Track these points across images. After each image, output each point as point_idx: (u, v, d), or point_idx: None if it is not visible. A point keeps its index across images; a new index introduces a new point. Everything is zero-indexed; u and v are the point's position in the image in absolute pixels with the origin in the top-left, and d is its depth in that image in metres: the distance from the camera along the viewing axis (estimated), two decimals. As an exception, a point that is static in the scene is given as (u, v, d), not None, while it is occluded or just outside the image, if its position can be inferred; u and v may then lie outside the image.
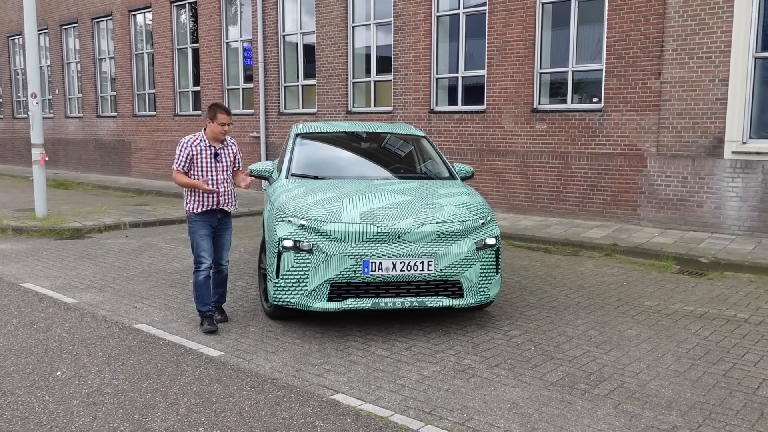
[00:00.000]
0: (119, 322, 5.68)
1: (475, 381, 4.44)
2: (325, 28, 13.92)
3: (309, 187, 5.74)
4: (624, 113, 10.19)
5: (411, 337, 5.33)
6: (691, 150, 9.67)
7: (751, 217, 9.24)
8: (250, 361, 4.77)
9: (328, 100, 14.07)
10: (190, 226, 5.51)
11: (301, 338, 5.28)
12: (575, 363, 4.79)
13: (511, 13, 11.18)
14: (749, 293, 6.85)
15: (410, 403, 4.07)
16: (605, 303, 6.43)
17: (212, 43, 16.30)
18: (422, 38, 12.38)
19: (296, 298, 5.19)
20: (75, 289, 6.83)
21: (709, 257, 8.24)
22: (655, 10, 9.76)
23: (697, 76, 9.50)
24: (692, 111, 9.58)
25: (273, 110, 15.20)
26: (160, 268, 7.77)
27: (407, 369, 4.64)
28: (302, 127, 6.99)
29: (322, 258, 5.09)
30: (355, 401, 4.08)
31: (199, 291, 5.42)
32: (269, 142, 15.37)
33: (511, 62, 11.28)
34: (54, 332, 5.37)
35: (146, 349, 4.98)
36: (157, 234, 10.21)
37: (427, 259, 5.15)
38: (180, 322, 5.69)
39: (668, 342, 5.26)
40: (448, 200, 5.57)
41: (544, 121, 11.02)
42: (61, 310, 6.01)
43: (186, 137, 5.52)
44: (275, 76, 15.05)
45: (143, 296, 6.55)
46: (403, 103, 12.79)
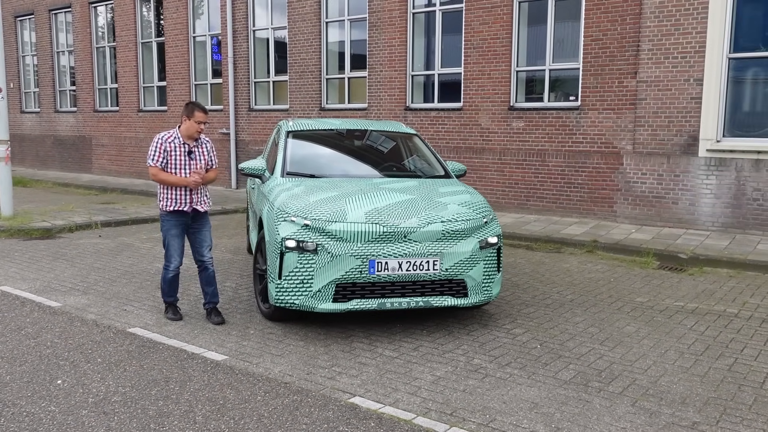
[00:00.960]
0: (111, 326, 5.48)
1: (489, 381, 4.42)
2: (298, 24, 13.74)
3: (308, 186, 5.63)
4: (601, 111, 10.34)
5: (416, 337, 5.29)
6: (666, 148, 9.87)
7: (725, 214, 9.48)
8: (257, 364, 4.65)
9: (301, 97, 13.91)
10: (163, 224, 5.56)
11: (305, 340, 5.18)
12: (584, 361, 4.82)
13: (488, 10, 11.22)
14: (732, 288, 7.02)
15: (430, 405, 4.03)
16: (598, 300, 6.50)
17: (178, 38, 15.93)
18: (398, 35, 12.32)
19: (300, 299, 5.09)
20: (56, 291, 6.57)
21: (687, 253, 8.43)
22: (631, 10, 9.92)
23: (672, 76, 9.70)
24: (668, 110, 9.78)
25: (243, 106, 14.95)
26: (142, 269, 7.54)
27: (419, 370, 4.60)
28: (293, 125, 6.86)
29: (327, 258, 5.00)
30: (373, 404, 4.02)
31: (165, 285, 5.65)
32: (239, 138, 15.11)
33: (488, 60, 11.32)
34: (45, 338, 5.14)
35: (147, 354, 4.81)
36: (131, 233, 9.92)
37: (433, 259, 5.12)
38: (175, 326, 5.52)
39: (668, 338, 5.35)
40: (449, 199, 5.53)
41: (521, 119, 11.09)
42: (47, 315, 5.77)
43: (160, 134, 5.52)
44: (245, 71, 14.80)
45: (130, 299, 6.34)
46: (378, 100, 12.73)
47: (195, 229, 5.67)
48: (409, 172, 6.52)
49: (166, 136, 5.52)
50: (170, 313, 5.71)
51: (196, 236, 5.67)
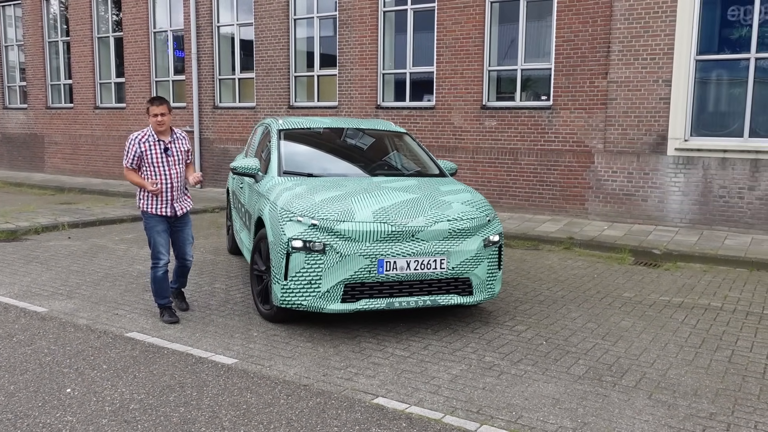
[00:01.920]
0: (107, 331, 5.30)
1: (506, 378, 4.46)
2: (265, 21, 13.55)
3: (310, 186, 5.56)
4: (572, 111, 10.55)
5: (422, 336, 5.30)
6: (636, 147, 10.15)
7: (693, 210, 9.82)
8: (270, 367, 4.58)
9: (268, 95, 13.73)
10: (146, 221, 5.51)
11: (312, 341, 5.12)
12: (591, 356, 4.92)
13: (461, 10, 11.31)
14: (710, 282, 7.27)
15: (454, 404, 4.04)
16: (587, 296, 6.64)
17: (138, 33, 15.51)
18: (369, 33, 12.30)
19: (308, 300, 5.03)
20: (38, 296, 6.32)
21: (661, 249, 8.69)
22: (602, 12, 10.16)
23: (641, 77, 9.98)
24: (637, 110, 10.06)
25: (207, 104, 14.66)
26: (123, 272, 7.32)
27: (434, 369, 4.60)
28: (283, 123, 6.77)
29: (336, 258, 4.96)
30: (399, 404, 4.00)
31: (157, 285, 5.53)
32: (203, 136, 14.81)
33: (461, 59, 11.42)
34: (40, 345, 4.94)
35: (153, 360, 4.67)
36: (101, 234, 9.61)
37: (440, 258, 5.13)
38: (173, 329, 5.38)
39: (664, 332, 5.50)
40: (452, 198, 5.56)
41: (493, 118, 11.23)
42: (36, 320, 5.54)
43: (133, 134, 5.48)
44: (209, 68, 14.51)
45: (119, 302, 6.14)
46: (348, 98, 12.68)
47: (178, 228, 5.69)
48: (405, 171, 6.51)
49: (139, 136, 5.45)
50: (166, 316, 5.58)
51: (179, 235, 5.69)
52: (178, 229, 5.67)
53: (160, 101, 5.42)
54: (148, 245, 5.63)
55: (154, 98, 5.46)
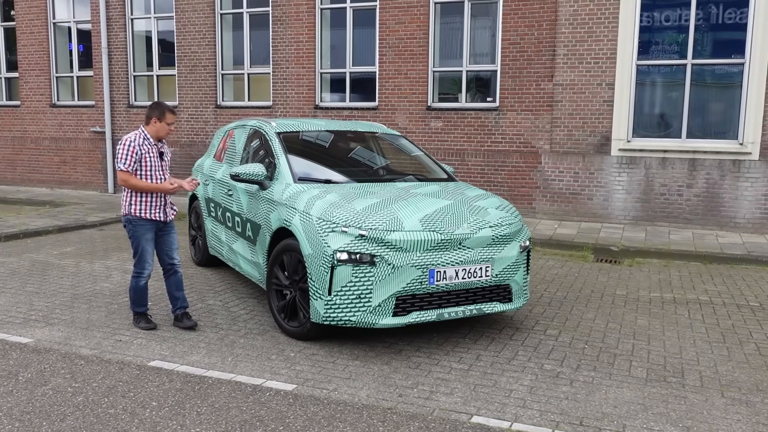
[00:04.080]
0: (124, 361, 4.70)
1: (579, 386, 4.42)
2: (188, 14, 12.74)
3: (340, 193, 5.23)
4: (519, 112, 10.78)
5: (464, 346, 5.14)
6: (581, 147, 10.54)
7: (636, 208, 10.35)
8: (336, 391, 4.24)
9: (192, 93, 12.93)
10: (135, 229, 5.32)
11: (356, 359, 4.82)
12: (638, 357, 4.99)
13: (404, 10, 11.21)
14: (680, 277, 7.66)
15: (552, 417, 3.93)
16: (584, 295, 6.78)
17: (35, 23, 14.06)
18: (305, 31, 11.90)
19: (357, 316, 4.73)
20: (9, 324, 5.50)
21: (618, 246, 9.08)
22: (547, 16, 10.45)
23: (586, 80, 10.37)
24: (582, 111, 10.45)
25: (121, 102, 13.57)
26: (91, 291, 6.56)
27: (503, 380, 4.47)
28: (277, 126, 6.34)
29: (387, 270, 4.69)
30: (500, 422, 3.84)
31: (137, 295, 5.44)
32: (116, 137, 13.69)
33: (405, 59, 11.33)
34: (58, 383, 4.28)
35: (204, 392, 4.18)
36: (33, 248, 8.58)
37: (485, 265, 5.01)
38: (197, 354, 4.87)
39: (682, 329, 5.70)
40: (484, 203, 5.44)
41: (439, 119, 11.24)
42: (29, 354, 4.80)
43: (129, 136, 5.24)
44: (123, 63, 13.44)
45: (112, 327, 5.48)
46: (284, 97, 12.21)
47: (164, 232, 5.50)
48: (420, 175, 6.30)
49: (138, 139, 5.26)
50: (143, 322, 5.47)
51: (166, 239, 5.51)
52: (165, 233, 5.49)
53: (174, 111, 5.41)
54: (134, 254, 5.39)
55: (171, 107, 5.40)
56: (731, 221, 9.91)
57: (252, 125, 6.72)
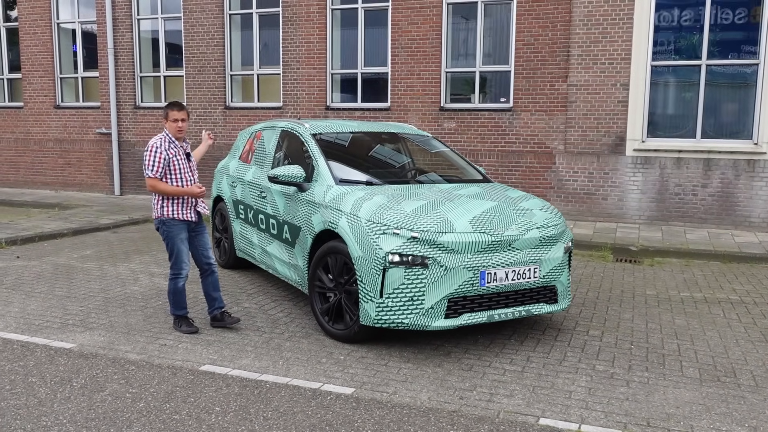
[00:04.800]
0: (174, 366, 4.64)
1: (636, 386, 4.42)
2: (196, 14, 12.65)
3: (386, 195, 5.20)
4: (533, 113, 10.80)
5: (512, 347, 5.14)
6: (595, 148, 10.58)
7: (650, 208, 10.40)
8: (395, 394, 4.22)
9: (201, 94, 12.84)
10: (169, 230, 5.32)
11: (408, 361, 4.80)
12: (686, 357, 5.01)
13: (417, 11, 11.20)
14: (705, 276, 7.71)
15: (619, 419, 3.93)
16: (615, 295, 6.79)
17: (38, 23, 13.90)
18: (316, 31, 11.86)
19: (410, 318, 4.70)
20: (47, 329, 5.43)
21: (637, 246, 9.12)
22: (562, 17, 10.48)
23: (600, 80, 10.41)
24: (596, 112, 10.49)
25: (127, 103, 13.45)
26: (122, 295, 6.49)
27: (560, 382, 4.47)
28: (311, 127, 6.31)
29: (440, 272, 4.67)
30: (569, 424, 3.83)
31: (177, 297, 5.39)
32: (123, 139, 13.57)
33: (417, 60, 11.31)
34: (114, 389, 4.21)
35: (264, 396, 4.14)
36: (52, 252, 8.48)
37: (533, 266, 5.00)
38: (246, 358, 4.82)
39: (722, 329, 5.72)
40: (527, 204, 5.44)
41: (452, 120, 11.24)
42: (77, 359, 4.74)
43: (155, 141, 5.22)
44: (129, 64, 13.32)
45: (153, 331, 5.42)
46: (294, 98, 12.15)
47: (197, 232, 5.52)
48: (459, 177, 6.29)
49: (165, 144, 5.25)
50: (185, 326, 5.42)
51: (199, 239, 5.52)
52: (198, 233, 5.51)
53: (180, 106, 5.32)
54: (169, 255, 5.39)
55: (174, 103, 5.34)
56: (746, 220, 9.99)
57: (283, 127, 6.67)
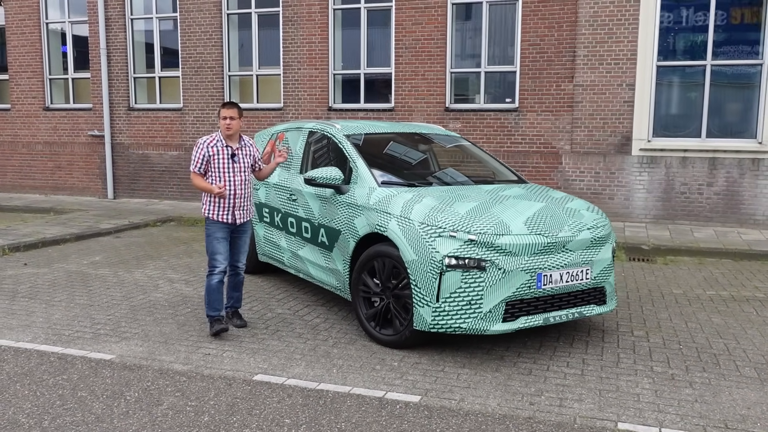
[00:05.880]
0: (226, 376, 4.48)
1: (701, 388, 4.39)
2: (192, 14, 12.40)
3: (435, 197, 5.10)
4: (539, 113, 10.80)
5: (562, 350, 5.08)
6: (602, 147, 10.62)
7: (656, 207, 10.47)
8: (464, 401, 4.13)
9: (198, 95, 12.59)
10: (207, 228, 5.37)
11: (463, 366, 4.71)
12: (738, 356, 5.00)
13: (422, 11, 11.13)
14: (723, 274, 7.76)
15: (697, 421, 3.89)
16: (644, 294, 6.78)
17: (26, 23, 13.50)
18: (318, 31, 11.71)
19: (468, 322, 4.61)
20: (79, 339, 5.22)
21: (648, 245, 9.16)
22: (567, 18, 10.49)
23: (606, 81, 10.45)
24: (602, 112, 10.52)
25: (121, 105, 13.13)
26: (146, 302, 6.29)
27: (623, 385, 4.42)
28: (343, 128, 6.18)
29: (498, 275, 4.59)
30: (647, 428, 3.78)
31: (211, 296, 5.29)
32: (116, 141, 13.25)
33: (422, 60, 11.24)
34: (172, 402, 4.04)
35: (329, 407, 4.01)
36: (59, 259, 8.20)
37: (586, 268, 4.95)
38: (297, 366, 4.68)
39: (760, 326, 5.74)
40: (572, 205, 5.38)
41: (458, 120, 11.19)
42: (122, 371, 4.55)
43: (202, 138, 5.29)
44: (123, 65, 13.01)
45: (189, 339, 5.25)
46: (296, 99, 11.98)
47: (235, 235, 5.50)
48: (498, 178, 6.21)
49: (208, 141, 5.33)
50: (216, 326, 5.29)
51: (235, 242, 5.52)
52: (236, 236, 5.49)
53: (231, 105, 5.31)
54: (206, 252, 5.36)
55: (226, 102, 5.32)
56: (751, 218, 10.11)
57: (311, 128, 6.54)
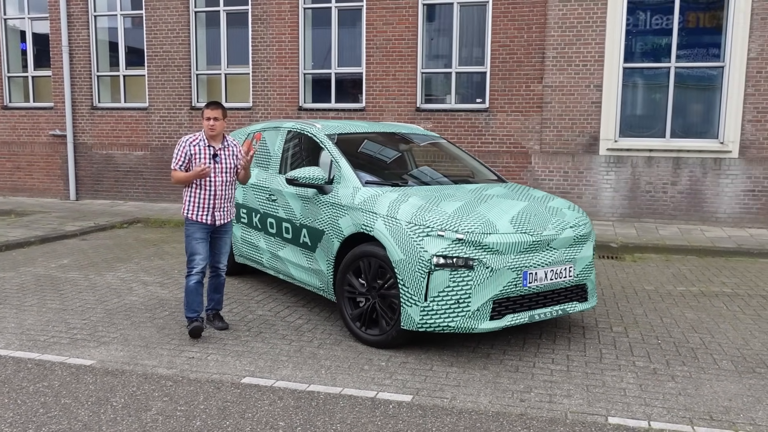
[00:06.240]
0: (211, 379, 4.41)
1: (682, 381, 4.50)
2: (159, 12, 12.18)
3: (421, 196, 5.11)
4: (509, 113, 10.93)
5: (547, 347, 5.15)
6: (570, 147, 10.80)
7: (623, 205, 10.70)
8: (458, 399, 4.15)
9: (165, 94, 12.37)
10: (187, 228, 5.30)
11: (451, 365, 4.73)
12: (714, 349, 5.14)
13: (392, 11, 11.15)
14: (691, 271, 7.97)
15: (682, 413, 3.98)
16: (617, 291, 6.92)
17: (-18, 19, 13.08)
18: (288, 30, 11.63)
19: (457, 321, 4.64)
20: (57, 345, 5.08)
21: (617, 242, 9.35)
22: (537, 20, 10.64)
23: (574, 82, 10.63)
24: (571, 113, 10.70)
25: (83, 104, 12.82)
26: (121, 306, 6.15)
27: (609, 380, 4.50)
28: (323, 128, 6.15)
29: (485, 274, 4.63)
30: (637, 422, 3.85)
31: (189, 296, 5.23)
32: (79, 141, 12.93)
33: (393, 60, 11.26)
34: (160, 407, 3.96)
35: (321, 408, 3.98)
36: (25, 262, 7.96)
37: (569, 265, 5.03)
38: (285, 368, 4.64)
39: (731, 321, 5.91)
40: (554, 204, 5.46)
41: (429, 120, 11.24)
42: (104, 376, 4.44)
43: (185, 136, 5.26)
44: (86, 62, 12.70)
45: (171, 343, 5.16)
46: (265, 98, 11.88)
47: (216, 237, 5.44)
48: (475, 177, 6.26)
49: (190, 139, 5.27)
50: (192, 326, 5.23)
51: (216, 243, 5.46)
52: (216, 237, 5.43)
53: (215, 105, 5.25)
54: (185, 252, 5.29)
55: (210, 102, 5.26)
56: (713, 216, 10.41)
57: (290, 127, 6.49)
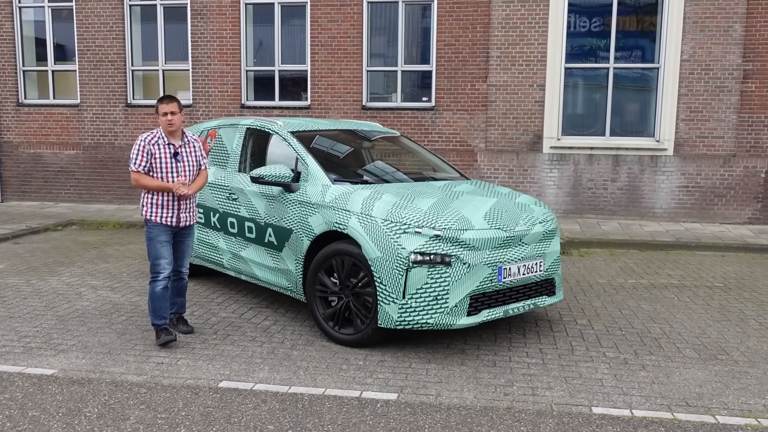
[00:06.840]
0: (187, 385, 4.24)
1: (654, 370, 4.64)
2: (91, 4, 11.65)
3: (394, 193, 5.06)
4: (455, 112, 11.04)
5: (518, 341, 5.21)
6: (515, 146, 11.01)
7: (566, 202, 10.99)
8: (444, 396, 4.13)
9: (98, 90, 11.85)
10: (149, 231, 5.02)
11: (429, 362, 4.72)
12: (676, 339, 5.33)
13: (337, 8, 11.06)
14: (637, 264, 8.27)
15: (660, 401, 4.10)
16: (573, 285, 7.10)
17: None
18: (229, 26, 11.35)
19: (435, 318, 4.63)
20: (10, 354, 4.76)
21: (563, 238, 9.60)
22: (481, 20, 10.79)
23: (518, 81, 10.84)
24: (515, 111, 10.91)
25: (8, 101, 12.11)
26: (73, 312, 5.83)
27: (584, 371, 4.59)
28: (285, 125, 6.01)
29: (463, 270, 4.64)
30: (619, 411, 3.94)
31: (156, 303, 4.98)
32: (4, 140, 12.21)
33: (338, 58, 11.17)
34: (139, 416, 3.76)
35: (309, 410, 3.89)
36: (-44, 268, 7.45)
37: (539, 260, 5.11)
38: (261, 371, 4.51)
39: (685, 311, 6.16)
40: (522, 200, 5.53)
41: (375, 119, 11.21)
42: (71, 385, 4.18)
43: (143, 135, 4.97)
44: (10, 57, 12.00)
45: (135, 348, 4.92)
46: (206, 96, 11.56)
47: (179, 239, 5.20)
48: (444, 175, 6.26)
49: (149, 137, 4.98)
50: (163, 336, 4.95)
51: (179, 245, 5.21)
52: (179, 240, 5.18)
53: (170, 99, 5.00)
54: (148, 257, 5.01)
55: (163, 96, 5.01)
56: (650, 211, 10.84)
57: (249, 125, 6.31)
